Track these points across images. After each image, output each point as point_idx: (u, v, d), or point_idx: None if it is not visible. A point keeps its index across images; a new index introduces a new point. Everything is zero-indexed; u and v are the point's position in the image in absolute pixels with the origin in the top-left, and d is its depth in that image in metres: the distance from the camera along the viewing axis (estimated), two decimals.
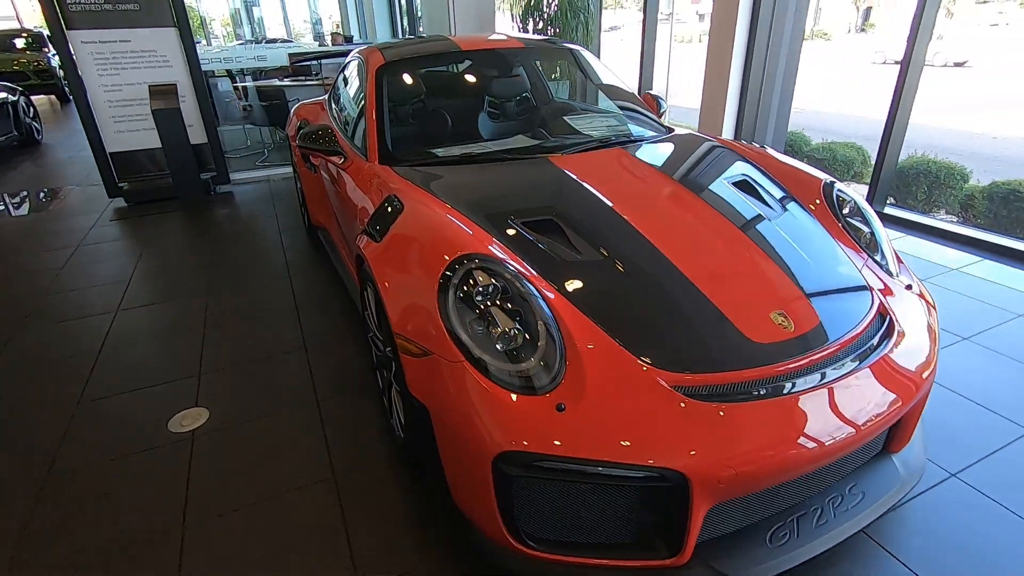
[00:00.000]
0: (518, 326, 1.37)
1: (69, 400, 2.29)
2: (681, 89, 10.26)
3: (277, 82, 7.11)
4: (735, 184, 1.98)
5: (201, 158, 5.09)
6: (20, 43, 12.60)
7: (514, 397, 1.27)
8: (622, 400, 1.27)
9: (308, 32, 18.35)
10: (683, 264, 1.55)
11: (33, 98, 8.45)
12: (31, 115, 7.84)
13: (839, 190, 1.97)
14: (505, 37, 2.93)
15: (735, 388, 1.31)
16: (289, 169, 5.94)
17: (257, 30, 17.95)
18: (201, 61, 5.03)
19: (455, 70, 2.71)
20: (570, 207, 1.78)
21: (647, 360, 1.32)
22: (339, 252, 3.03)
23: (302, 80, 7.17)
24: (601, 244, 1.62)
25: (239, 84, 7.92)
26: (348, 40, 8.24)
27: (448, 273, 1.44)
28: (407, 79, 2.60)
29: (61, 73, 12.36)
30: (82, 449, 2.03)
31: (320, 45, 8.07)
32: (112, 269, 3.60)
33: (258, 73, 8.30)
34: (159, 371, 2.48)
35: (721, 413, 1.25)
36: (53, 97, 12.27)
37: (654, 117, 2.67)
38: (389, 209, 1.80)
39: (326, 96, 3.61)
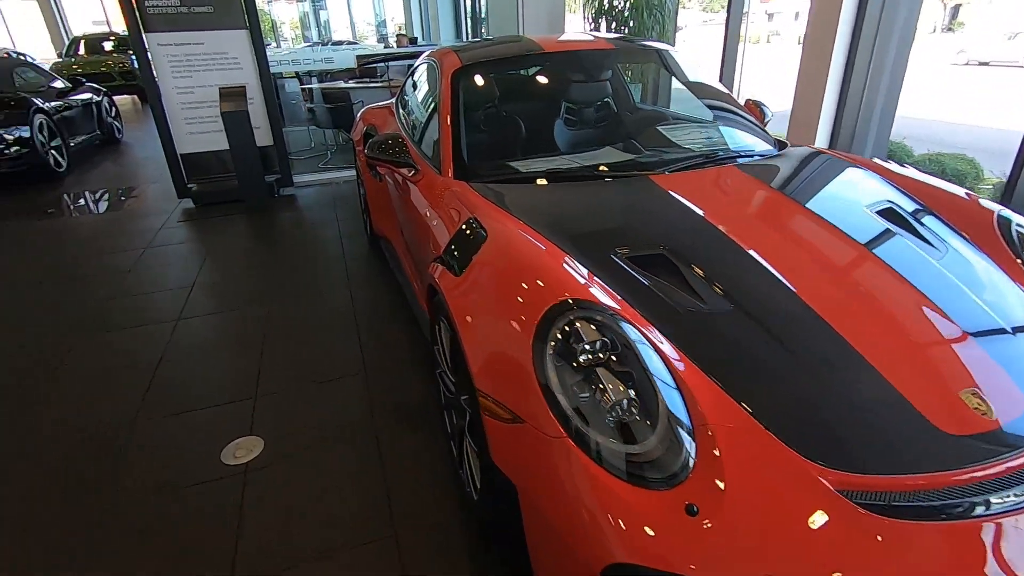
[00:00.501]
0: (632, 394, 1.10)
1: (124, 419, 2.19)
2: (751, 91, 9.68)
3: (342, 84, 7.10)
4: (881, 214, 1.63)
5: (266, 160, 5.07)
6: (108, 46, 13.34)
7: (630, 489, 1.01)
8: (774, 505, 0.98)
9: (371, 34, 18.64)
10: (837, 321, 1.24)
11: (117, 98, 8.83)
12: (113, 115, 8.17)
13: (1019, 225, 1.59)
14: (592, 37, 2.67)
15: (923, 497, 0.99)
16: (351, 172, 5.87)
17: (323, 33, 18.40)
18: (270, 63, 5.01)
19: (537, 74, 2.47)
20: (683, 240, 1.49)
21: (804, 451, 1.03)
22: (402, 266, 2.84)
23: (366, 82, 7.14)
24: (728, 290, 1.32)
25: (305, 86, 8.01)
26: (412, 42, 8.17)
27: (546, 322, 1.19)
28: (486, 84, 2.37)
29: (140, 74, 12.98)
30: (132, 477, 1.90)
31: (385, 47, 8.03)
32: (177, 273, 3.57)
33: (323, 75, 8.38)
34: (216, 390, 2.35)
35: (900, 535, 0.94)
36: (135, 97, 12.88)
37: (762, 128, 2.34)
38: (469, 235, 1.57)
39: (393, 100, 3.45)
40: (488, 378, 1.25)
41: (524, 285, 1.30)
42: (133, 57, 12.85)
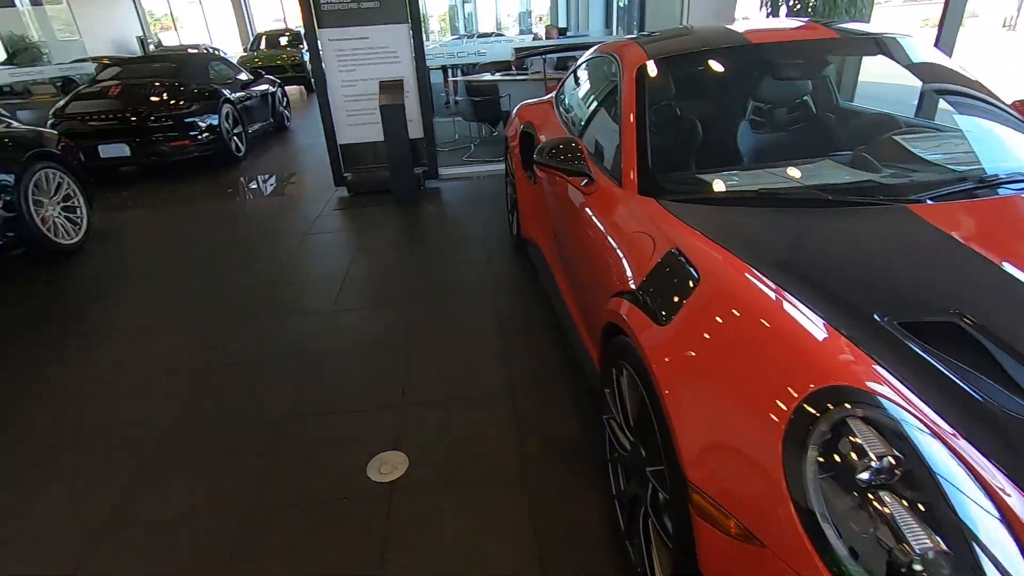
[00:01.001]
0: (943, 545, 0.76)
1: (275, 418, 2.21)
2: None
3: (489, 76, 7.08)
4: None
5: (415, 153, 5.15)
6: (284, 41, 14.75)
7: None
8: None
9: (513, 26, 18.75)
10: None
11: (287, 88, 9.66)
12: (284, 104, 8.93)
13: None
14: (802, 24, 2.22)
15: None
16: (494, 167, 5.81)
17: (468, 26, 18.86)
18: (426, 56, 5.06)
19: (740, 71, 2.09)
20: (982, 304, 1.08)
21: None
22: (553, 278, 2.63)
23: (513, 74, 7.04)
24: None
25: (451, 79, 8.12)
26: (562, 33, 7.93)
27: (803, 417, 0.88)
28: (678, 83, 2.05)
29: (310, 67, 14.20)
30: (281, 487, 1.88)
31: (534, 39, 7.90)
32: (330, 263, 3.69)
33: (468, 68, 8.44)
34: (363, 394, 2.31)
35: None
36: (303, 87, 14.12)
37: None
38: (672, 273, 1.29)
39: (552, 96, 3.24)
40: (708, 473, 0.97)
41: (767, 357, 0.99)
42: (304, 51, 14.10)
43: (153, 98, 6.08)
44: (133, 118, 5.85)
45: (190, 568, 1.60)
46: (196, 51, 12.07)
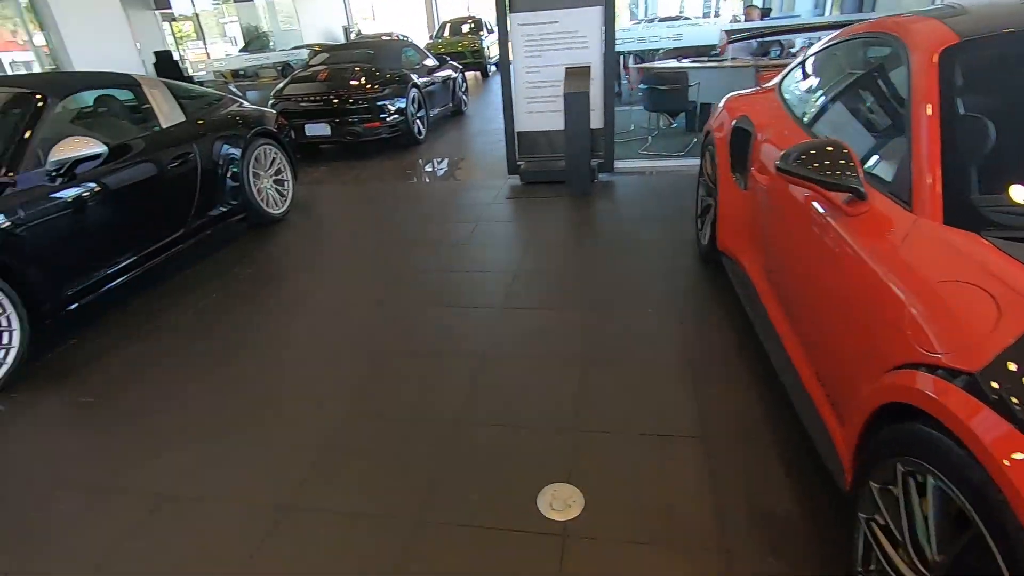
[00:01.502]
0: None
1: (445, 419, 2.13)
2: None
3: (675, 63, 6.53)
4: None
5: (592, 143, 4.89)
6: (465, 28, 15.35)
7: None
8: None
9: (696, 10, 17.48)
10: None
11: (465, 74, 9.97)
12: (463, 89, 9.23)
13: None
14: None
15: None
16: (672, 162, 5.35)
17: (648, 9, 18.00)
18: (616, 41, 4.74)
19: None
20: None
21: None
22: (762, 308, 2.21)
23: (702, 61, 6.42)
24: None
25: (631, 65, 7.67)
26: (766, 14, 7.06)
27: None
28: (1007, 73, 1.52)
29: (488, 53, 14.61)
30: (449, 500, 1.77)
31: (732, 21, 7.13)
32: (502, 255, 3.60)
33: (647, 54, 7.92)
34: (534, 408, 2.14)
35: None
36: (478, 73, 14.60)
37: None
38: None
39: (774, 84, 2.75)
40: None
41: None
42: (483, 37, 14.53)
43: (353, 82, 6.56)
44: (335, 100, 6.38)
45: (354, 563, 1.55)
46: (390, 38, 13.03)
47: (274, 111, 4.92)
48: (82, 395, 2.43)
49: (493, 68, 15.51)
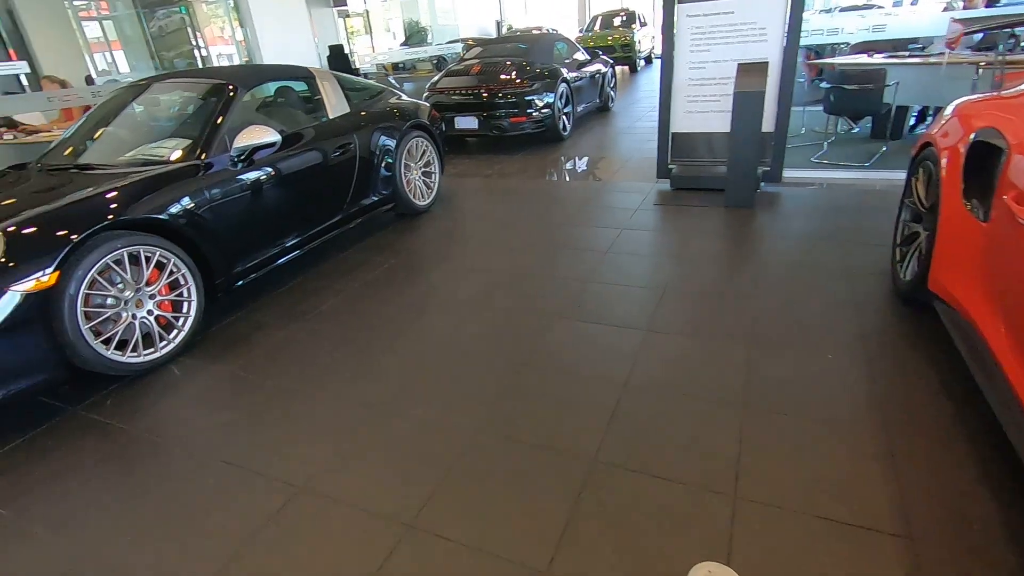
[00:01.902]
0: None
1: (582, 456, 1.91)
2: None
3: (865, 58, 5.65)
4: None
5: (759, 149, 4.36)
6: (617, 21, 14.89)
7: None
8: None
9: None
10: None
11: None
12: (612, 85, 8.89)
13: None
14: None
15: None
16: (851, 175, 4.62)
17: None
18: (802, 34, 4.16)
19: None
20: None
21: None
22: (1003, 377, 1.70)
23: (901, 56, 5.48)
24: None
25: (813, 61, 6.83)
26: (993, 1, 5.83)
27: None
28: None
29: (638, 47, 14.03)
30: (584, 561, 1.56)
31: (947, 7, 6.00)
32: (648, 269, 3.30)
33: (828, 48, 6.98)
34: (683, 459, 1.85)
35: None
36: (626, 68, 14.11)
37: None
38: None
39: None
40: None
41: None
42: (634, 32, 13.99)
43: (502, 76, 6.56)
44: (484, 94, 6.42)
45: None
46: (541, 32, 13.02)
47: (428, 104, 5.03)
48: (239, 369, 2.60)
49: (642, 63, 14.88)
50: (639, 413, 2.08)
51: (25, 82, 7.68)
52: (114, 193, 2.52)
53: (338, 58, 12.88)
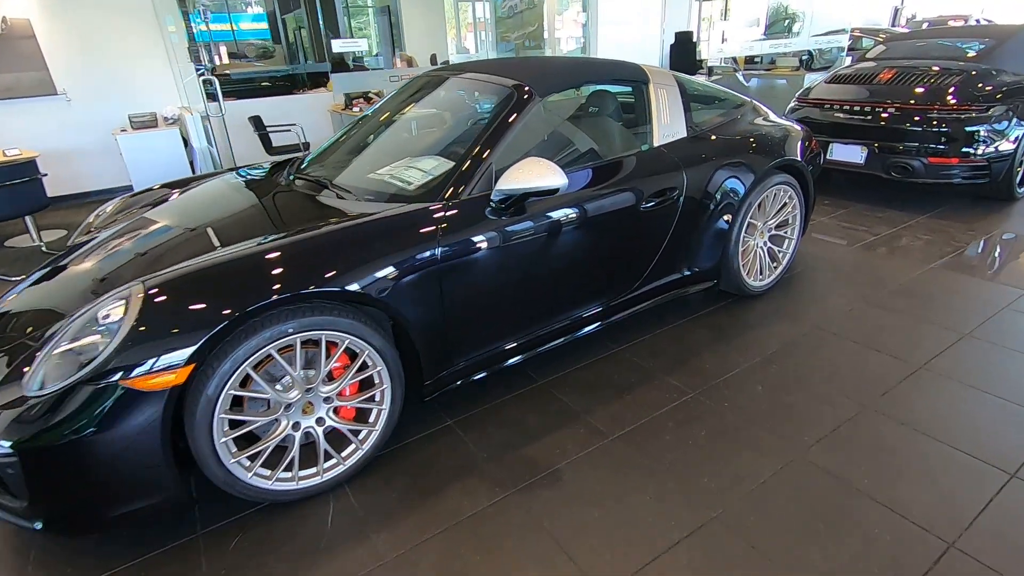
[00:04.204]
0: None
1: None
2: None
3: None
4: None
5: None
6: None
7: None
8: None
9: None
10: None
11: None
12: None
13: None
14: None
15: None
16: None
17: None
18: None
19: None
20: None
21: None
22: None
23: None
24: None
25: None
26: None
27: None
28: None
29: None
30: None
31: None
32: None
33: None
34: None
35: None
36: None
37: None
38: None
39: None
40: None
41: None
42: None
43: (928, 90, 4.23)
44: (887, 113, 4.24)
45: None
46: (1013, 25, 9.17)
47: (801, 128, 3.29)
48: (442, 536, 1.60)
49: None
50: None
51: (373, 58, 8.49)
52: (305, 248, 1.71)
53: (683, 48, 11.42)
